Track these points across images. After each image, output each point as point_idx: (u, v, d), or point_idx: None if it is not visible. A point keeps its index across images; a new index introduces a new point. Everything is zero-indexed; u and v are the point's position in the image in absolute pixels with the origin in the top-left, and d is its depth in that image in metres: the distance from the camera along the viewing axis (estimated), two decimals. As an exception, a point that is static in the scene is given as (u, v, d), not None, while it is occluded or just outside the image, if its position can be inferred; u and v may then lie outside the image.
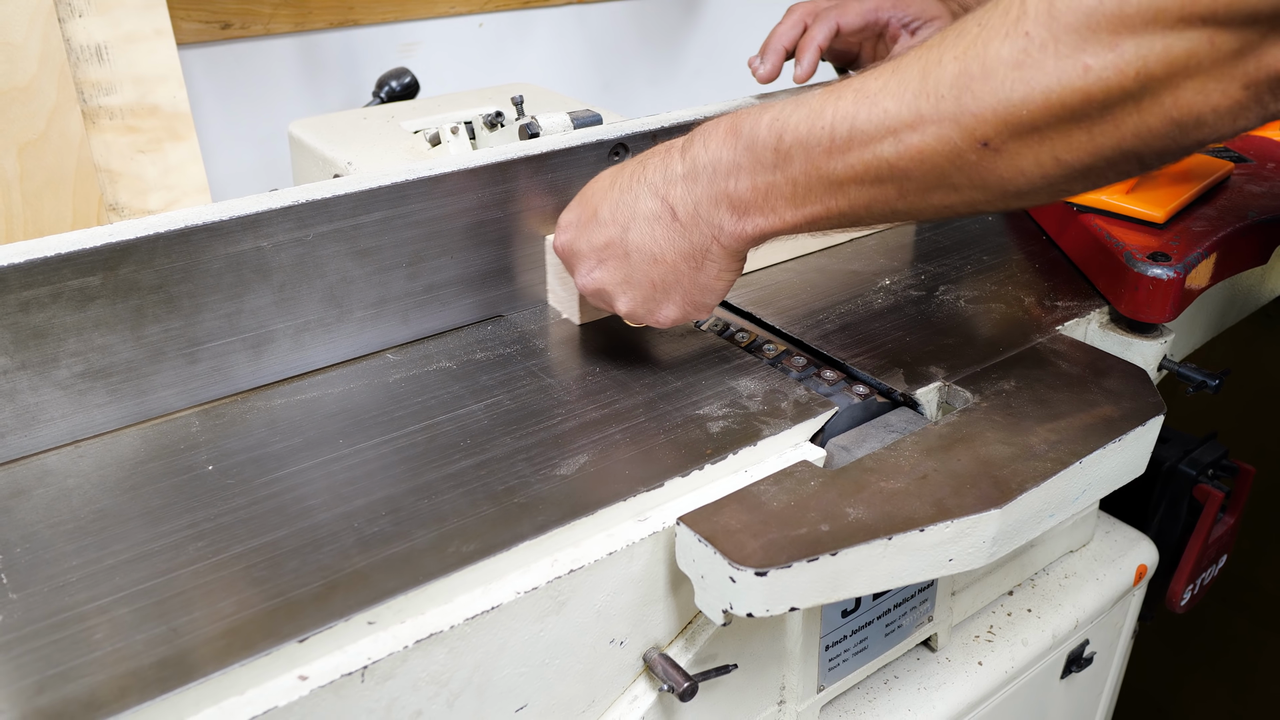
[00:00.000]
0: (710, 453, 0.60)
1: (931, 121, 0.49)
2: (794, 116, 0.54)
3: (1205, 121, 0.45)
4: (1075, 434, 0.61)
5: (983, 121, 0.48)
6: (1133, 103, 0.45)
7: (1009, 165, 0.49)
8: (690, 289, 0.62)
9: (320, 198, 0.65)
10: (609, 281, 0.64)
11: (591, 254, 0.64)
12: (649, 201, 0.60)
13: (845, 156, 0.53)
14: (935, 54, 0.50)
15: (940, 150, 0.50)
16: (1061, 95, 0.46)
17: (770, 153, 0.55)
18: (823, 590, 0.52)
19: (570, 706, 0.56)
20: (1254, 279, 0.98)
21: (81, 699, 0.43)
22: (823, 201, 0.55)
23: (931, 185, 0.52)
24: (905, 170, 0.51)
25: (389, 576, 0.50)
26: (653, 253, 0.61)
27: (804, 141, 0.54)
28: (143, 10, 0.95)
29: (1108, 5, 0.44)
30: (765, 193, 0.56)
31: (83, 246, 0.57)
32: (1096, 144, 0.47)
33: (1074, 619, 0.83)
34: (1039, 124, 0.47)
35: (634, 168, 0.62)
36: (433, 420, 0.64)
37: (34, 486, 0.57)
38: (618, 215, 0.62)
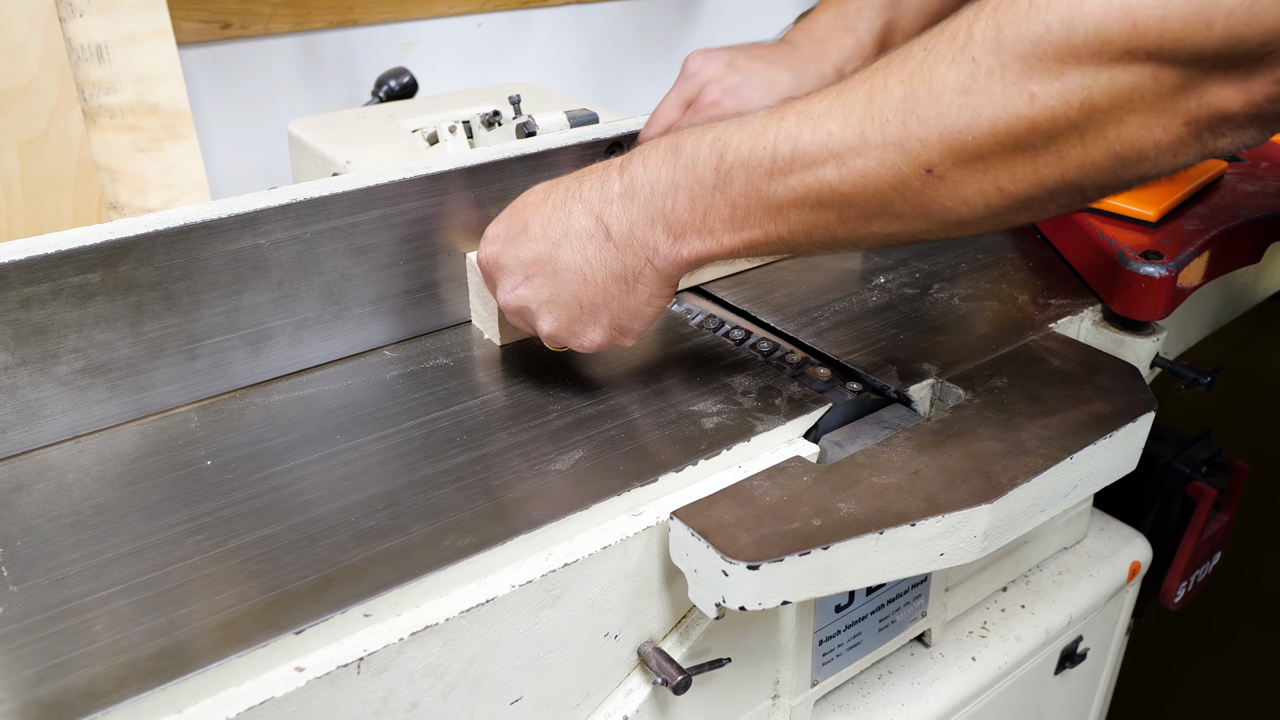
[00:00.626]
0: (704, 448, 0.61)
1: (876, 146, 0.49)
2: (736, 136, 0.53)
3: (1147, 156, 0.46)
4: (1067, 430, 0.61)
5: (928, 147, 0.48)
6: (1076, 134, 0.45)
7: (952, 194, 0.49)
8: (618, 312, 0.60)
9: (318, 196, 0.65)
10: (533, 299, 0.61)
11: (518, 269, 0.61)
12: (582, 219, 0.58)
13: (787, 179, 0.52)
14: (881, 77, 0.49)
15: (884, 175, 0.49)
16: (1007, 123, 0.46)
17: (710, 173, 0.54)
18: (814, 584, 0.53)
19: (565, 699, 0.57)
20: (1247, 277, 0.99)
21: (81, 689, 0.44)
22: (762, 225, 0.54)
23: (874, 212, 0.51)
24: (847, 195, 0.51)
25: (385, 570, 0.51)
26: (583, 272, 0.59)
27: (745, 162, 0.53)
28: (143, 10, 0.95)
29: (1054, 34, 0.44)
30: (704, 214, 0.55)
31: (83, 244, 0.58)
32: (1040, 175, 0.47)
33: (1068, 615, 0.84)
34: (984, 152, 0.47)
35: (569, 183, 0.60)
36: (429, 416, 0.64)
37: (34, 481, 0.58)
38: (549, 231, 0.59)
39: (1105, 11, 0.42)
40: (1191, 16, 0.41)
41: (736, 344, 0.74)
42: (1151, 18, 0.41)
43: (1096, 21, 0.42)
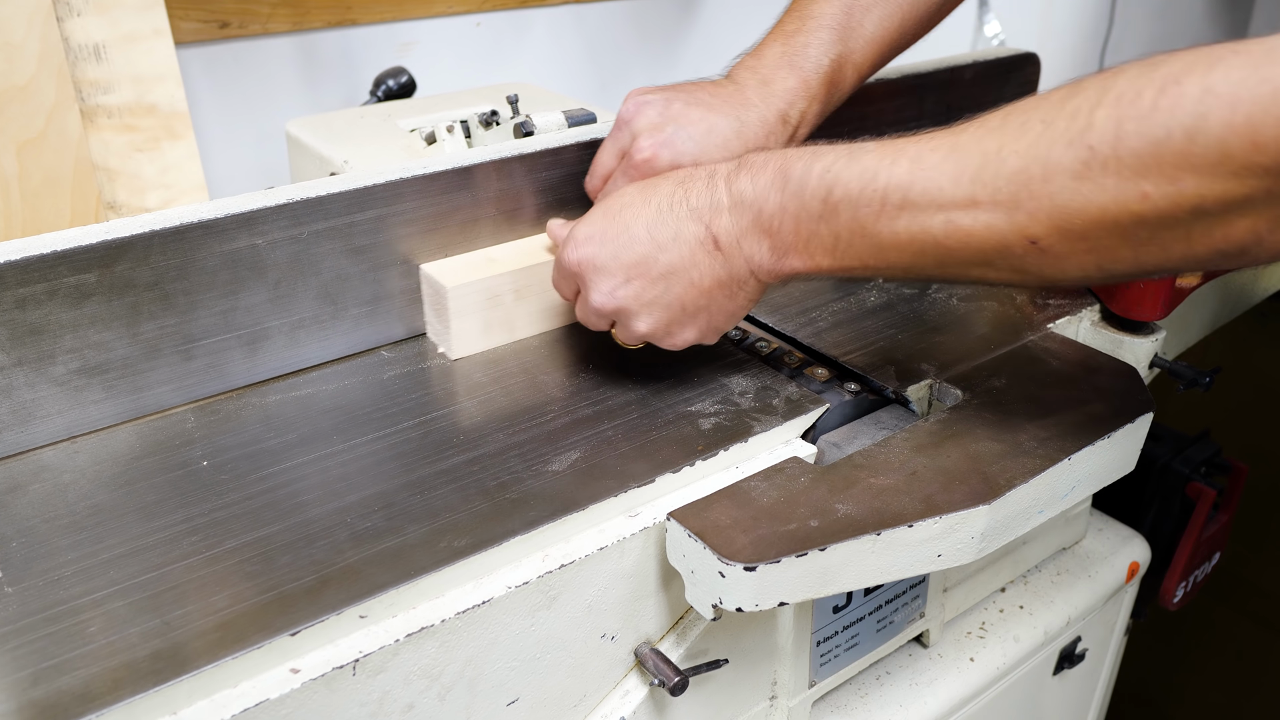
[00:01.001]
0: (702, 449, 0.61)
1: (985, 209, 0.50)
2: (846, 172, 0.54)
3: (1248, 252, 0.46)
4: (1065, 431, 0.61)
5: (1035, 221, 0.48)
6: (1184, 230, 0.46)
7: (1053, 264, 0.50)
8: (716, 315, 0.62)
9: (315, 196, 0.65)
10: (634, 300, 0.61)
11: (619, 271, 0.61)
12: (692, 226, 0.59)
13: (893, 223, 0.53)
14: (996, 141, 0.50)
15: (988, 238, 0.50)
16: (1116, 215, 0.46)
17: (818, 203, 0.55)
18: (811, 585, 0.53)
19: (561, 701, 0.57)
20: (1246, 278, 0.98)
21: (76, 691, 0.44)
22: (861, 258, 0.55)
23: (971, 264, 0.52)
24: (950, 248, 0.52)
25: (381, 571, 0.50)
26: (690, 277, 0.60)
27: (853, 200, 0.54)
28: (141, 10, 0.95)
29: (1175, 141, 0.44)
30: (807, 240, 0.56)
31: (79, 244, 0.58)
32: (1140, 260, 0.48)
33: (1066, 616, 0.84)
34: (1089, 235, 0.48)
35: (672, 188, 0.61)
36: (426, 416, 0.64)
37: (30, 482, 0.58)
38: (655, 235, 0.60)
39: (1228, 126, 0.42)
40: None
41: (734, 344, 0.74)
42: (1273, 136, 0.41)
43: (1218, 136, 0.43)
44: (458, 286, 0.69)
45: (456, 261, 0.72)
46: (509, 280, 0.71)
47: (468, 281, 0.69)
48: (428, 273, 0.71)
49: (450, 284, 0.69)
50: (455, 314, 0.69)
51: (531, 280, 0.72)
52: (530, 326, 0.74)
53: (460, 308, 0.69)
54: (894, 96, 0.97)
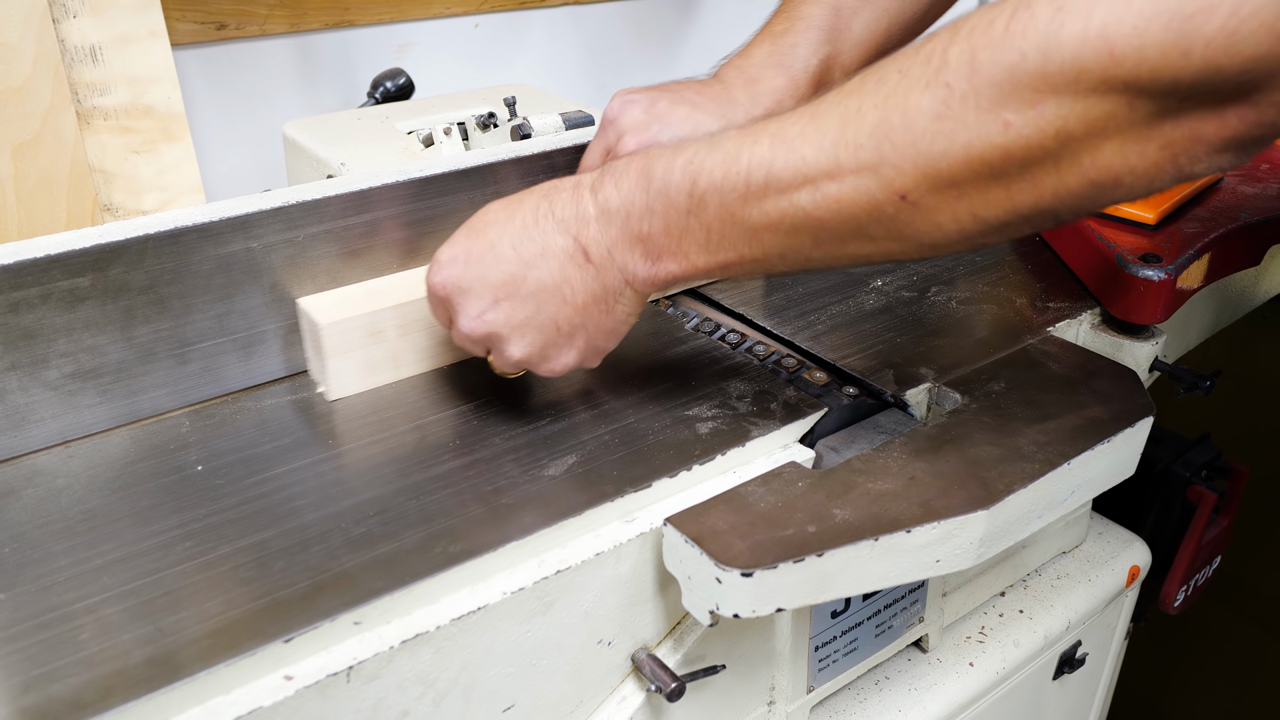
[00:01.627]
0: (699, 454, 0.60)
1: (850, 172, 0.48)
2: (709, 160, 0.52)
3: (1122, 182, 0.45)
4: (1064, 435, 0.61)
5: (902, 174, 0.47)
6: (1051, 162, 0.45)
7: (927, 219, 0.49)
8: (594, 333, 0.59)
9: (310, 199, 0.65)
10: (504, 324, 0.58)
11: (485, 292, 0.58)
12: (558, 239, 0.56)
13: (761, 204, 0.51)
14: (855, 101, 0.49)
15: (858, 201, 0.49)
16: (981, 151, 0.45)
17: (684, 198, 0.53)
18: (809, 591, 0.52)
19: (558, 707, 0.56)
20: (1247, 280, 0.98)
21: (67, 699, 0.43)
22: (736, 248, 0.54)
23: (848, 235, 0.51)
24: (821, 220, 0.50)
25: (376, 577, 0.50)
26: (562, 293, 0.57)
27: (719, 187, 0.52)
28: (137, 11, 0.95)
29: (1030, 62, 0.43)
30: (679, 238, 0.54)
31: (72, 248, 0.58)
32: (1015, 202, 0.47)
33: (1066, 620, 0.83)
34: (958, 179, 0.46)
35: (536, 201, 0.58)
36: (421, 421, 0.64)
37: (23, 487, 0.58)
38: (521, 251, 0.57)
39: (1082, 40, 0.42)
40: (1169, 47, 0.40)
41: (732, 348, 0.73)
42: (1129, 47, 0.41)
43: (1073, 51, 0.42)
44: (333, 323, 0.64)
45: (336, 295, 0.67)
46: (392, 315, 0.66)
47: (345, 318, 0.64)
48: (304, 307, 0.66)
49: (324, 320, 0.63)
50: (331, 352, 0.64)
51: (417, 314, 0.67)
52: (419, 363, 0.69)
53: (336, 345, 0.64)
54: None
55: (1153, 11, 0.40)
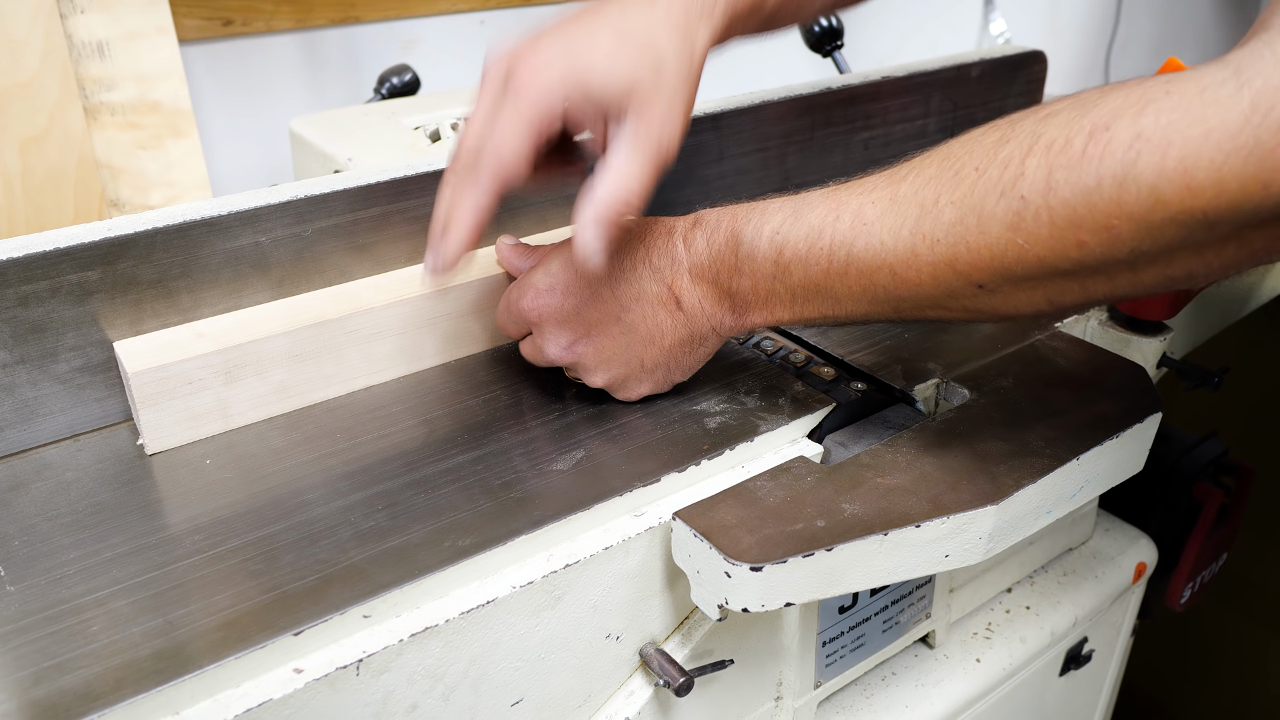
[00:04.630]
0: (707, 448, 0.60)
1: (928, 264, 0.50)
2: (794, 233, 0.54)
3: (1197, 276, 0.46)
4: (1072, 431, 0.61)
5: (977, 270, 0.48)
6: (1127, 267, 0.46)
7: (1004, 302, 0.50)
8: (674, 369, 0.62)
9: (318, 193, 0.65)
10: (592, 357, 0.61)
11: (580, 326, 0.60)
12: (653, 285, 0.59)
13: (844, 278, 0.53)
14: (932, 191, 0.50)
15: (935, 286, 0.50)
16: (1055, 262, 0.46)
17: (770, 265, 0.56)
18: (818, 586, 0.52)
19: (566, 701, 0.56)
20: (1255, 276, 0.98)
21: (78, 691, 0.43)
22: (819, 310, 0.56)
23: (926, 307, 0.53)
24: (901, 296, 0.52)
25: (385, 570, 0.50)
26: (652, 336, 0.60)
27: (803, 259, 0.54)
28: (144, 7, 0.95)
29: (1106, 189, 0.43)
30: (765, 298, 0.57)
31: (81, 241, 0.58)
32: (1088, 293, 0.48)
33: (1073, 617, 0.83)
34: (1033, 276, 0.48)
35: (632, 243, 0.60)
36: (430, 415, 0.64)
37: (32, 480, 0.58)
38: (619, 292, 0.59)
39: (1159, 172, 0.41)
40: (1249, 180, 0.40)
41: (740, 343, 0.73)
42: (1208, 180, 0.40)
43: (1150, 182, 0.42)
44: (142, 372, 0.58)
45: (159, 338, 0.61)
46: (216, 360, 0.60)
47: (157, 365, 0.58)
48: (120, 353, 0.60)
49: (133, 368, 0.58)
50: (143, 403, 0.58)
51: (255, 358, 0.61)
52: (253, 411, 0.63)
53: (147, 396, 0.58)
54: (900, 95, 0.97)
55: (1232, 145, 0.40)
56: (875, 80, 0.94)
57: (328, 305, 0.65)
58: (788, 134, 0.89)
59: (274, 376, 0.63)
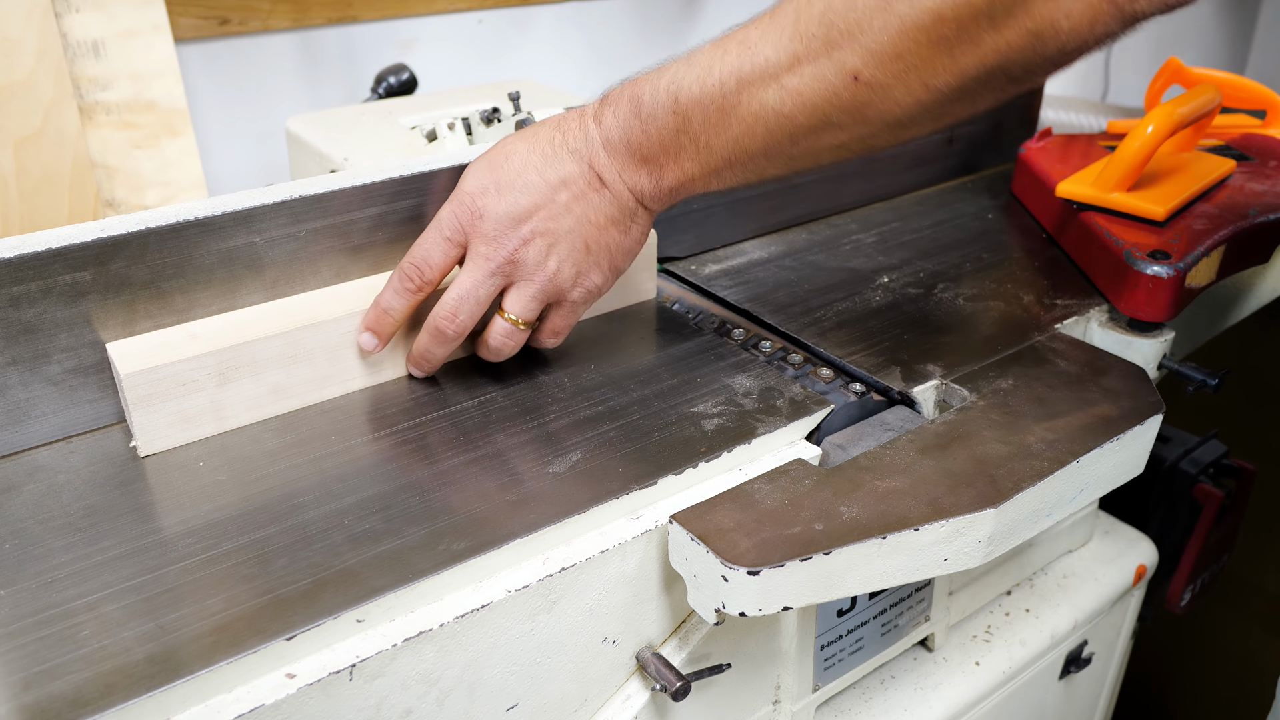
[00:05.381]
0: (704, 451, 0.60)
1: (806, 62, 0.52)
2: (686, 77, 0.57)
3: (1061, 29, 0.47)
4: (1073, 433, 0.60)
5: (852, 54, 0.51)
6: (986, 20, 0.47)
7: (883, 97, 0.52)
8: (615, 252, 0.64)
9: (313, 193, 0.64)
10: (540, 241, 0.61)
11: (521, 216, 0.60)
12: (574, 166, 0.61)
13: (736, 110, 0.55)
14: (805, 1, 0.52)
15: (817, 89, 0.53)
16: (916, 19, 0.48)
17: (670, 116, 0.58)
18: (816, 590, 0.52)
19: (562, 705, 0.56)
20: (1255, 277, 0.97)
21: (68, 696, 0.43)
22: (723, 155, 0.58)
23: (819, 126, 0.54)
24: (790, 115, 0.54)
25: (379, 574, 0.50)
26: (587, 216, 0.61)
27: (698, 101, 0.56)
28: (140, 6, 0.95)
29: None
30: (675, 154, 0.59)
31: (74, 241, 0.57)
32: (960, 66, 0.50)
33: (1072, 619, 0.83)
34: (901, 51, 0.50)
35: (550, 133, 0.62)
36: (425, 417, 0.63)
37: (24, 482, 0.57)
38: (547, 177, 0.61)
39: None
40: None
41: (738, 344, 0.73)
42: None
43: None
44: (133, 374, 0.57)
45: (151, 340, 0.61)
46: (211, 362, 0.59)
47: (149, 367, 0.58)
48: (112, 355, 0.59)
49: (126, 370, 0.57)
50: (135, 404, 0.58)
51: (246, 360, 0.61)
52: (247, 413, 0.62)
53: (140, 398, 0.58)
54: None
55: None
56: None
57: (322, 306, 0.65)
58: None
59: (268, 378, 0.62)
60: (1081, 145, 0.99)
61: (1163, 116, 0.82)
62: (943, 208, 0.99)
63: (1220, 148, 0.98)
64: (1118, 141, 0.95)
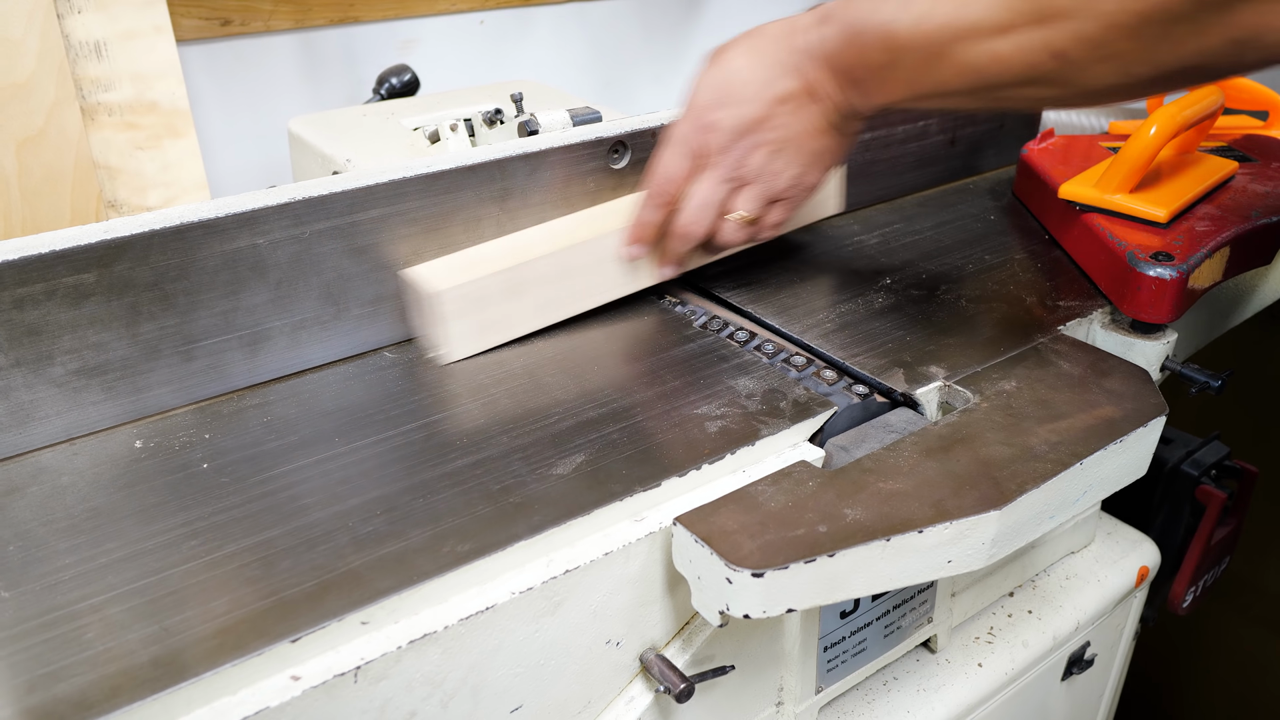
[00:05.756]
0: (708, 452, 0.60)
1: (1013, 31, 0.56)
2: (902, 19, 0.61)
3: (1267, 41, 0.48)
4: (1076, 435, 0.60)
5: (1056, 34, 0.54)
6: (1190, 24, 0.49)
7: (1081, 73, 0.55)
8: (826, 156, 0.70)
9: (317, 195, 0.64)
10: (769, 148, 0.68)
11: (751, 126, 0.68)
12: (792, 80, 0.67)
13: (944, 58, 0.59)
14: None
15: (1019, 58, 0.56)
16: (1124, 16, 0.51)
17: (881, 52, 0.62)
18: (820, 592, 0.52)
19: (566, 707, 0.56)
20: (1258, 279, 0.97)
21: (72, 699, 0.43)
22: (928, 90, 0.62)
23: (1017, 84, 0.58)
24: (994, 73, 0.58)
25: (383, 576, 0.50)
26: (805, 125, 0.68)
27: (910, 45, 0.61)
28: (142, 7, 0.95)
29: None
30: (882, 83, 0.64)
31: (77, 243, 0.57)
32: (1159, 61, 0.52)
33: (1075, 621, 0.83)
34: (1104, 40, 0.52)
35: (768, 45, 0.68)
36: (429, 419, 0.63)
37: (28, 484, 0.57)
38: (767, 93, 0.67)
39: None
40: None
41: (740, 346, 0.73)
42: None
43: None
44: (439, 294, 0.67)
45: (440, 264, 0.70)
46: (499, 280, 0.69)
47: (450, 288, 0.67)
48: (409, 278, 0.69)
49: (433, 290, 0.67)
50: (444, 318, 0.68)
51: (526, 277, 0.70)
52: (528, 323, 0.72)
53: (447, 312, 0.68)
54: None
55: None
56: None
57: (580, 228, 0.75)
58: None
59: (544, 291, 0.71)
60: (1084, 146, 0.99)
61: (1165, 118, 0.82)
62: (945, 209, 0.99)
63: (1223, 149, 0.98)
64: (1120, 143, 0.95)
